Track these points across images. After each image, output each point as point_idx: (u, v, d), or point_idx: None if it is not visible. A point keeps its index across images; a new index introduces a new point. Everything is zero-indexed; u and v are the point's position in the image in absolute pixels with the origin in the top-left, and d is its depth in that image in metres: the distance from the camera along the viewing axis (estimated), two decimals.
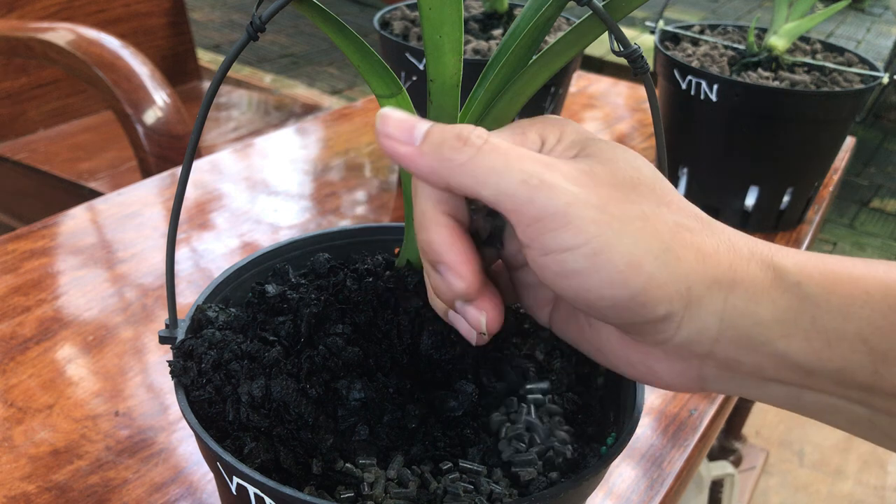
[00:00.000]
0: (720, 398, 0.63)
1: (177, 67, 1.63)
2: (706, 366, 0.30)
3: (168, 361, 0.38)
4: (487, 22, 0.88)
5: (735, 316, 0.28)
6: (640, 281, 0.27)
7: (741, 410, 1.32)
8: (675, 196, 0.30)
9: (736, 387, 0.30)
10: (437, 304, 0.34)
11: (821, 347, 0.27)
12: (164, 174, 0.88)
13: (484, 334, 0.32)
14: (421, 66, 0.79)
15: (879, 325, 0.27)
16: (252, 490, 0.33)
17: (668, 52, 0.85)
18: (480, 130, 0.29)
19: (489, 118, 0.36)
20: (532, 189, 0.27)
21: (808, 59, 0.86)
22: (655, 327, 0.29)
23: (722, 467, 1.20)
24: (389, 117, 0.29)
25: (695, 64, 0.84)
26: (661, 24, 0.90)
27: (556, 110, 0.87)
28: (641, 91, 1.24)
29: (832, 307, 0.27)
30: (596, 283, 0.28)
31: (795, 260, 0.28)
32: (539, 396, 0.41)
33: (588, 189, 0.28)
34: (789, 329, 0.28)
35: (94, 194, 1.15)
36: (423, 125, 0.29)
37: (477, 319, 0.31)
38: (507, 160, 0.28)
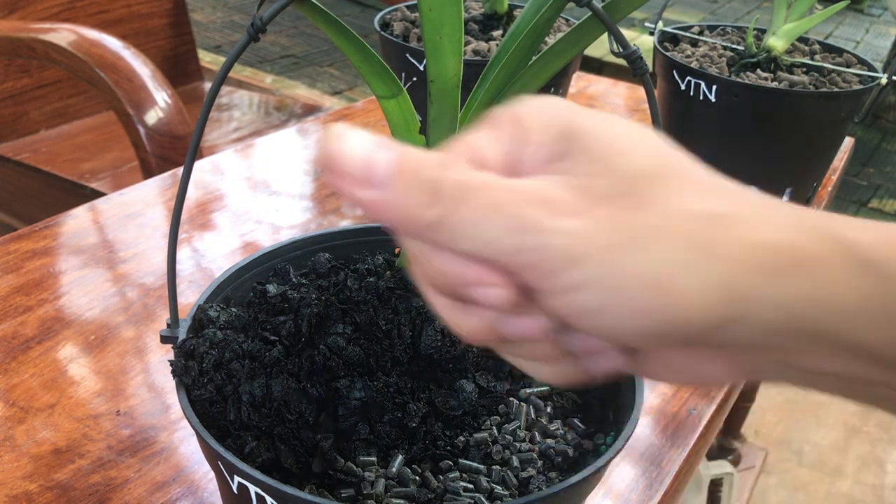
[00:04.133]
0: (719, 398, 0.63)
1: (178, 68, 1.63)
2: (761, 361, 0.25)
3: (169, 361, 0.38)
4: (487, 23, 0.88)
5: (802, 305, 0.23)
6: (669, 303, 0.23)
7: (740, 410, 1.32)
8: (690, 172, 0.25)
9: (789, 379, 0.26)
10: (468, 325, 0.26)
11: None
12: (166, 174, 0.88)
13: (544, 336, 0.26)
14: (421, 67, 0.79)
15: None
16: (253, 489, 0.33)
17: (668, 53, 0.85)
18: (455, 172, 0.24)
19: None
20: (522, 235, 0.23)
21: (806, 60, 0.86)
22: (701, 338, 0.24)
23: (721, 466, 1.20)
24: (340, 151, 0.23)
25: (694, 65, 0.84)
26: (660, 24, 0.91)
27: None
28: (641, 92, 1.25)
29: None
30: (619, 318, 0.23)
31: (868, 234, 0.24)
32: (539, 399, 0.41)
33: (587, 216, 0.23)
34: (870, 316, 0.23)
35: (96, 194, 1.15)
36: (384, 160, 0.23)
37: (530, 325, 0.25)
38: (486, 208, 0.23)
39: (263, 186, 0.88)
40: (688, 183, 0.24)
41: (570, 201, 0.23)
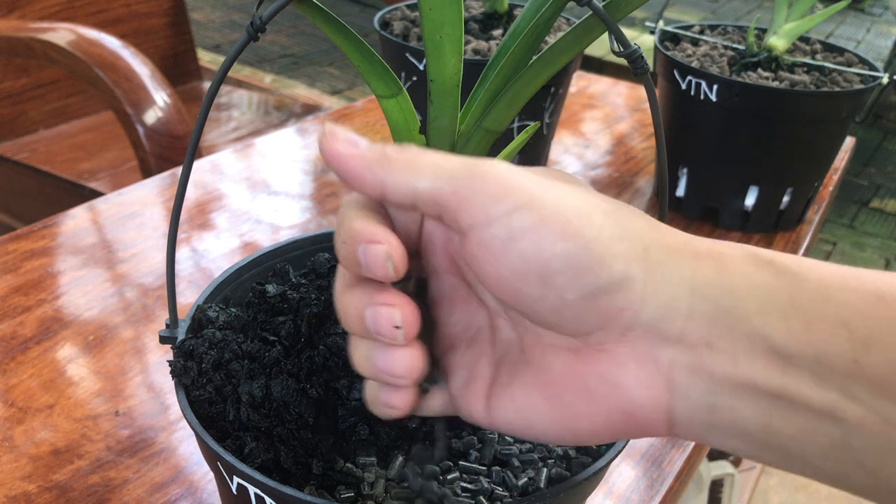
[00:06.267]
0: None
1: (177, 67, 1.63)
2: (676, 367, 0.27)
3: (168, 361, 0.38)
4: (487, 22, 0.88)
5: (706, 286, 0.26)
6: (592, 231, 0.26)
7: None
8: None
9: (705, 403, 0.27)
10: (346, 309, 0.29)
11: (799, 329, 0.25)
12: (165, 174, 0.88)
13: (398, 328, 0.28)
14: (421, 67, 0.79)
15: (859, 308, 0.25)
16: (252, 490, 0.33)
17: (668, 53, 0.85)
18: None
19: (489, 118, 0.36)
20: (471, 166, 0.27)
21: (807, 60, 0.86)
22: (617, 298, 0.26)
23: (722, 467, 1.20)
24: (337, 128, 0.29)
25: (694, 64, 0.84)
26: (660, 24, 0.90)
27: (556, 110, 0.87)
28: (641, 91, 1.24)
29: (810, 286, 0.26)
30: (548, 237, 0.26)
31: (763, 249, 0.27)
32: None
33: (525, 172, 0.28)
34: (766, 304, 0.26)
35: (95, 194, 1.15)
36: (365, 140, 0.29)
37: (390, 313, 0.28)
38: (442, 157, 0.28)
39: (263, 186, 0.88)
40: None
41: (510, 166, 0.28)
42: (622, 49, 0.34)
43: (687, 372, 0.27)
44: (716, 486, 1.19)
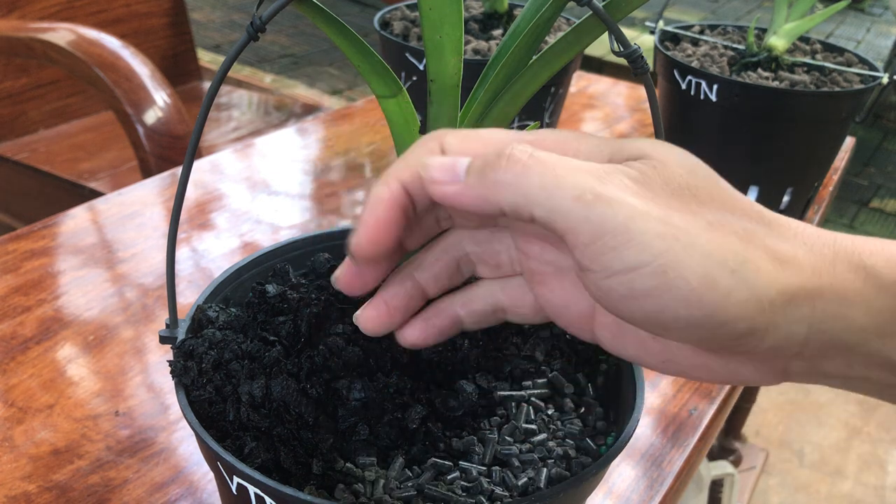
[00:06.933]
0: (720, 398, 0.63)
1: (177, 67, 1.63)
2: (793, 364, 0.28)
3: (168, 361, 0.38)
4: (487, 22, 0.88)
5: (825, 321, 0.26)
6: (716, 298, 0.25)
7: (741, 410, 1.32)
8: (736, 197, 0.28)
9: (822, 380, 0.29)
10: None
11: None
12: (165, 174, 0.88)
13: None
14: (421, 67, 0.79)
15: None
16: (252, 490, 0.33)
17: (668, 53, 0.85)
18: (524, 144, 0.27)
19: (489, 118, 0.36)
20: (587, 205, 0.25)
21: (807, 60, 0.86)
22: (737, 342, 0.27)
23: (722, 467, 1.20)
24: (431, 164, 0.28)
25: (695, 64, 0.84)
26: (660, 24, 0.90)
27: (556, 110, 0.87)
28: (641, 91, 1.24)
29: None
30: (668, 304, 0.25)
31: (884, 255, 0.27)
32: (539, 400, 0.41)
33: (647, 200, 0.26)
34: (885, 329, 0.26)
35: (95, 194, 1.15)
36: (465, 159, 0.28)
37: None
38: (555, 174, 0.26)
39: (263, 186, 0.88)
40: (728, 202, 0.27)
41: (633, 185, 0.26)
42: (622, 49, 0.34)
43: (802, 371, 0.29)
44: (716, 486, 1.19)
